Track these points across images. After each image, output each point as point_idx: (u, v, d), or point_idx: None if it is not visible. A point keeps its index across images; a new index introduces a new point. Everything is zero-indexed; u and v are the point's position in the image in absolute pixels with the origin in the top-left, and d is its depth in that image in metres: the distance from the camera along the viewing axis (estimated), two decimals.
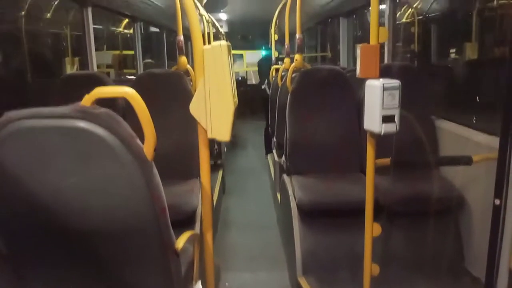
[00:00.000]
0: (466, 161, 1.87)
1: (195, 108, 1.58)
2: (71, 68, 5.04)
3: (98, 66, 3.79)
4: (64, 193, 1.18)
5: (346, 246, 2.33)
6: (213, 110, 1.55)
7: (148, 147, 1.22)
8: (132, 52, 6.25)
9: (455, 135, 2.49)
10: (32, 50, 4.49)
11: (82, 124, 1.12)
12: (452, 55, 4.89)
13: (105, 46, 7.32)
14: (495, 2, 4.14)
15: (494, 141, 2.01)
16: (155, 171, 1.25)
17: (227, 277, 2.73)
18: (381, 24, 1.64)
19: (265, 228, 3.54)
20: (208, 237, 1.73)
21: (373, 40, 1.54)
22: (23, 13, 4.38)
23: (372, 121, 1.55)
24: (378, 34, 1.53)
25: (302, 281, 2.22)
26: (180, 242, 1.39)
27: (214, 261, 1.80)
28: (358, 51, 1.56)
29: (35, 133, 1.14)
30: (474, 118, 2.82)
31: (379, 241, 1.72)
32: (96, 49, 3.53)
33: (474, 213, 2.26)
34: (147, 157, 1.21)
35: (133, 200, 1.21)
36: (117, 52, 7.75)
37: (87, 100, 1.20)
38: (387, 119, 1.53)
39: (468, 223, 2.31)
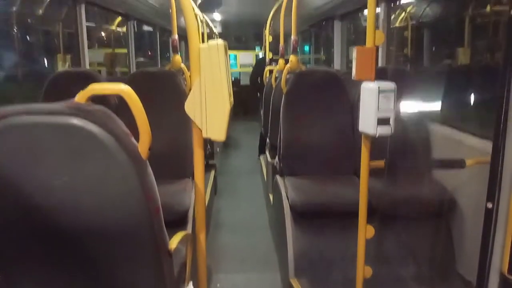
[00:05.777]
0: (460, 164, 1.88)
1: (190, 107, 1.57)
2: (62, 65, 4.99)
3: (89, 64, 3.76)
4: (56, 191, 1.15)
5: (338, 248, 2.33)
6: (209, 109, 1.54)
7: (142, 146, 1.20)
8: (124, 51, 6.20)
9: (448, 138, 2.51)
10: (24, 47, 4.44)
11: (75, 121, 1.10)
12: (445, 61, 4.93)
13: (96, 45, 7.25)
14: (487, 9, 4.19)
15: (486, 145, 2.03)
16: (150, 170, 1.23)
17: (218, 278, 2.72)
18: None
19: (256, 229, 3.53)
20: (201, 238, 1.72)
21: (369, 43, 1.54)
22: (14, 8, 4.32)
23: (367, 123, 1.55)
24: (374, 37, 1.53)
25: (294, 282, 2.21)
26: (173, 242, 1.37)
27: (206, 262, 1.79)
28: (355, 53, 1.56)
29: (27, 130, 1.12)
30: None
31: (371, 243, 1.72)
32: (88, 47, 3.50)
33: (466, 217, 2.27)
34: (141, 155, 1.19)
35: (127, 200, 1.19)
36: (109, 50, 7.68)
37: (82, 96, 1.18)
38: (382, 121, 1.53)
39: (460, 226, 2.32)
